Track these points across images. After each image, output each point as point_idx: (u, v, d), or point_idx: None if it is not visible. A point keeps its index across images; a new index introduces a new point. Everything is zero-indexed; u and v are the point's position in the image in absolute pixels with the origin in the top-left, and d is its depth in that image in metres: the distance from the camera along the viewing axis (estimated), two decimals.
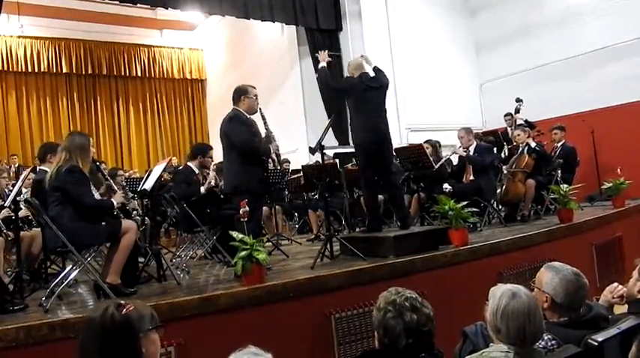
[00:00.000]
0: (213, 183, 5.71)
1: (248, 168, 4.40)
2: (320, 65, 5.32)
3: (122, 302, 1.70)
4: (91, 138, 4.08)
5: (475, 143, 6.67)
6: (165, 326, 1.80)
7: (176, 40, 15.37)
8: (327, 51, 5.48)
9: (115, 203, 4.08)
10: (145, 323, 1.69)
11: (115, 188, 4.54)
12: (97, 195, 4.50)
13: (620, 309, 2.67)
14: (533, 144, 6.86)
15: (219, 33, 14.82)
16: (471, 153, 6.59)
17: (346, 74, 5.27)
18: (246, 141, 4.37)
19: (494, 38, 11.08)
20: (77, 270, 3.86)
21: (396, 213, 5.47)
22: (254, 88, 4.63)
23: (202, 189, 5.63)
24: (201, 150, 6.00)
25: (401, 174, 6.40)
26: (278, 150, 4.83)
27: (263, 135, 4.60)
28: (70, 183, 3.70)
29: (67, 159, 3.78)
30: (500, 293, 2.02)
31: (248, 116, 4.53)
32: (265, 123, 4.69)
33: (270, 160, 4.73)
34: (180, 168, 6.70)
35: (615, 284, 2.72)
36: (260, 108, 4.68)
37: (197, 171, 5.81)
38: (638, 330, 1.97)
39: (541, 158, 6.85)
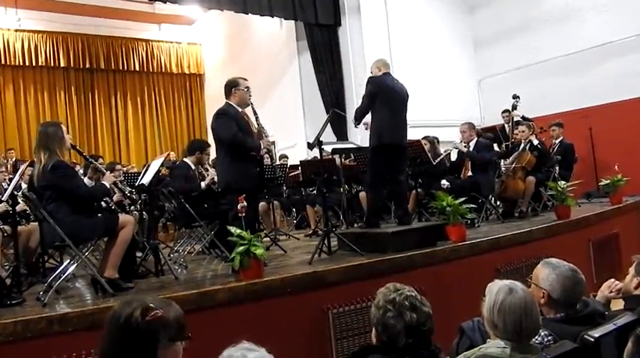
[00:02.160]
0: (215, 179, 5.67)
1: (238, 164, 4.33)
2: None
3: (152, 305, 1.63)
4: (62, 125, 3.99)
5: (475, 139, 6.69)
6: (191, 338, 1.72)
7: (174, 34, 15.32)
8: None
9: (107, 184, 4.06)
10: (169, 332, 1.62)
11: (102, 169, 4.50)
12: (87, 181, 4.48)
13: (617, 305, 2.68)
14: (535, 142, 6.86)
15: (217, 27, 14.77)
16: (471, 149, 6.60)
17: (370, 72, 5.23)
18: (234, 135, 4.27)
19: (493, 34, 11.06)
20: (75, 265, 3.86)
21: (395, 209, 5.47)
22: (245, 79, 4.55)
23: (203, 185, 5.62)
24: (199, 147, 5.99)
25: None
26: (270, 146, 4.78)
27: (255, 129, 4.53)
28: (58, 179, 3.65)
29: (48, 156, 3.69)
30: (496, 289, 2.03)
31: (240, 109, 4.45)
32: (257, 117, 4.61)
33: (265, 156, 4.69)
34: (177, 163, 6.69)
35: (612, 279, 2.74)
36: (252, 103, 4.60)
37: (193, 167, 5.80)
38: (634, 326, 1.98)
39: (541, 156, 6.85)
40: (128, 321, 1.59)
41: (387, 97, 4.91)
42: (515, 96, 8.10)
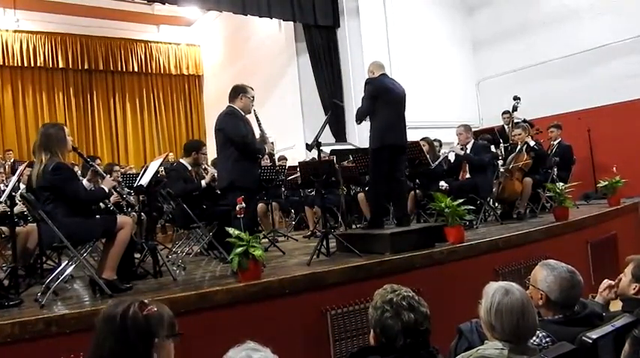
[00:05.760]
0: (215, 176, 5.66)
1: (243, 163, 4.44)
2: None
3: (146, 301, 1.63)
4: (65, 127, 3.97)
5: (472, 141, 6.70)
6: (181, 335, 1.71)
7: (173, 35, 15.33)
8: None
9: (106, 189, 4.03)
10: (162, 328, 1.62)
11: (102, 172, 4.48)
12: (85, 183, 4.47)
13: (616, 307, 2.69)
14: (532, 143, 6.88)
15: (216, 29, 14.77)
16: (468, 151, 6.60)
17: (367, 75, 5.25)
18: (244, 136, 4.41)
19: (492, 36, 11.08)
20: (73, 266, 3.86)
21: (395, 210, 5.47)
22: (252, 89, 4.70)
23: (203, 183, 5.61)
24: (195, 147, 5.98)
25: None
26: (272, 151, 4.89)
27: (257, 135, 4.65)
28: (59, 181, 3.63)
29: (49, 157, 3.67)
30: (493, 291, 2.03)
31: (243, 114, 4.59)
32: (260, 124, 4.74)
33: (265, 159, 4.78)
34: (174, 164, 6.68)
35: (605, 281, 2.72)
36: (254, 110, 4.74)
37: (190, 168, 5.79)
38: (631, 328, 1.98)
39: (539, 157, 6.87)
40: (124, 318, 1.56)
41: (387, 99, 4.93)
42: (515, 98, 8.11)
